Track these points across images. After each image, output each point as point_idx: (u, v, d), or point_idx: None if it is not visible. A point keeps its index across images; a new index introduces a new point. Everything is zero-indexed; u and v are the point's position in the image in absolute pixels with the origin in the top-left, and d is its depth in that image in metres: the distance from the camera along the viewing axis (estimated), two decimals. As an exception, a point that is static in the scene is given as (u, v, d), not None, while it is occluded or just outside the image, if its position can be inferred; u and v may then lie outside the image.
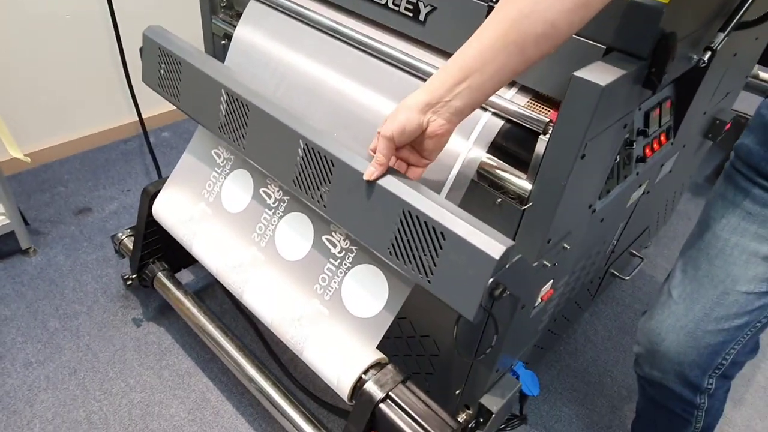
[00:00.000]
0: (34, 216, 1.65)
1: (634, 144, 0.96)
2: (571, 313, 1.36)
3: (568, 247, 0.89)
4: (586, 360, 1.43)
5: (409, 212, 0.75)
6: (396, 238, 0.77)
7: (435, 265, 0.74)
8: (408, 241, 0.76)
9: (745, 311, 0.80)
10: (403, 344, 1.14)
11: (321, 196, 0.86)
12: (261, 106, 0.91)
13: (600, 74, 0.66)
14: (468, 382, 1.05)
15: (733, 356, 0.86)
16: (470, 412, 1.05)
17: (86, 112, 1.93)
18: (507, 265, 0.70)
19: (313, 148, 0.85)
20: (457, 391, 1.07)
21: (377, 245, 0.80)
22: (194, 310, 1.25)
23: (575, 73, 0.66)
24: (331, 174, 0.84)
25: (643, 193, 1.19)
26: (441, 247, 0.73)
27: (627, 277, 1.40)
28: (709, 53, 0.87)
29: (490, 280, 0.69)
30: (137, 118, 1.98)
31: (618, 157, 0.92)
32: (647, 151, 1.03)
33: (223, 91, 0.97)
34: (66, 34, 1.74)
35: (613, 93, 0.67)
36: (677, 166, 1.32)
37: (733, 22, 0.87)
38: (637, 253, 1.49)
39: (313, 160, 0.86)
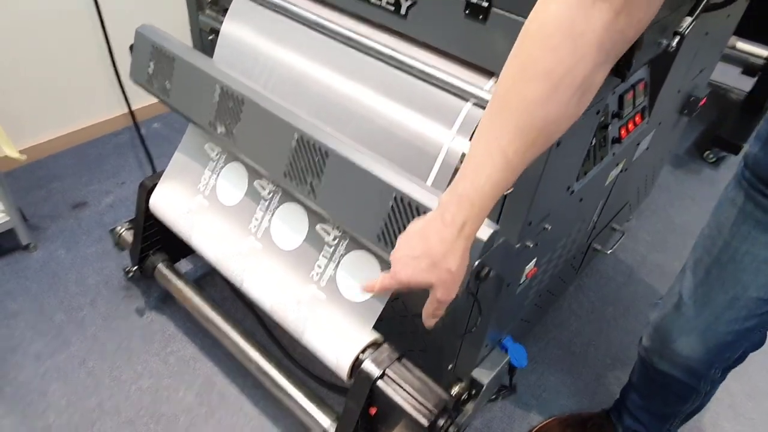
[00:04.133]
0: (33, 212, 1.68)
1: (609, 126, 1.01)
2: (556, 288, 1.42)
3: (549, 227, 0.94)
4: (571, 331, 1.50)
5: (401, 198, 0.80)
6: (386, 225, 0.83)
7: (423, 250, 0.79)
8: (398, 228, 0.81)
9: (755, 314, 0.83)
10: (397, 323, 1.19)
11: (312, 187, 0.91)
12: (257, 101, 0.95)
13: (571, 68, 0.71)
14: (459, 357, 1.11)
15: (741, 351, 0.91)
16: (462, 384, 1.11)
17: (76, 106, 1.94)
18: (492, 248, 0.76)
19: (308, 141, 0.89)
20: (450, 366, 1.13)
21: (367, 234, 0.85)
22: (195, 299, 1.30)
23: (548, 68, 0.71)
24: (324, 165, 0.88)
25: (621, 171, 1.24)
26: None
27: (608, 251, 1.47)
28: (677, 38, 0.91)
29: (477, 262, 0.74)
30: (127, 111, 2.01)
31: (594, 139, 0.97)
32: (622, 132, 1.08)
33: (217, 86, 1.01)
34: (53, 30, 1.75)
35: (583, 85, 0.72)
36: (654, 143, 1.38)
37: (701, 6, 0.92)
38: (618, 227, 1.55)
39: (306, 153, 0.90)
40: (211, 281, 1.54)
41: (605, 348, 1.47)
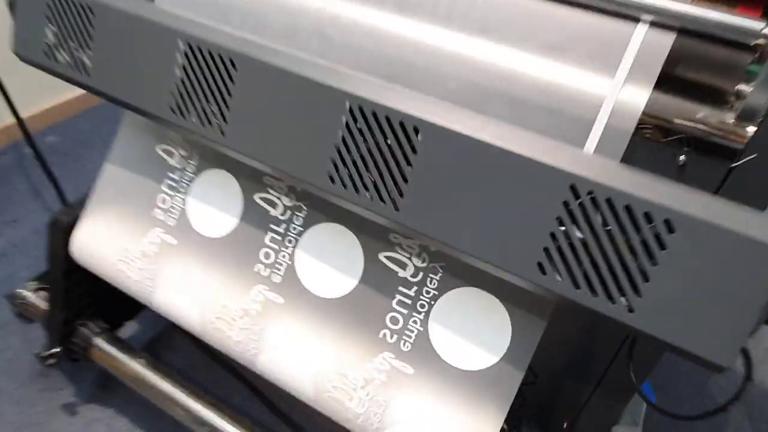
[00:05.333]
0: None
1: None
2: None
3: None
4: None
5: (586, 189, 0.44)
6: (553, 244, 0.46)
7: (646, 280, 0.44)
8: (581, 246, 0.46)
9: None
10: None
11: (387, 194, 0.52)
12: (263, 58, 0.55)
13: None
14: (583, 412, 0.78)
15: None
16: (590, 449, 0.78)
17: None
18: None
19: (373, 112, 0.51)
20: (566, 424, 0.80)
21: (513, 264, 0.49)
22: (157, 380, 0.87)
23: None
24: (414, 152, 0.50)
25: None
26: (662, 247, 0.43)
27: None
28: None
29: (777, 294, 0.40)
30: (5, 124, 1.51)
31: None
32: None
33: (179, 42, 0.59)
34: None
35: None
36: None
37: None
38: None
39: (371, 134, 0.52)
40: (168, 344, 1.10)
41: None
